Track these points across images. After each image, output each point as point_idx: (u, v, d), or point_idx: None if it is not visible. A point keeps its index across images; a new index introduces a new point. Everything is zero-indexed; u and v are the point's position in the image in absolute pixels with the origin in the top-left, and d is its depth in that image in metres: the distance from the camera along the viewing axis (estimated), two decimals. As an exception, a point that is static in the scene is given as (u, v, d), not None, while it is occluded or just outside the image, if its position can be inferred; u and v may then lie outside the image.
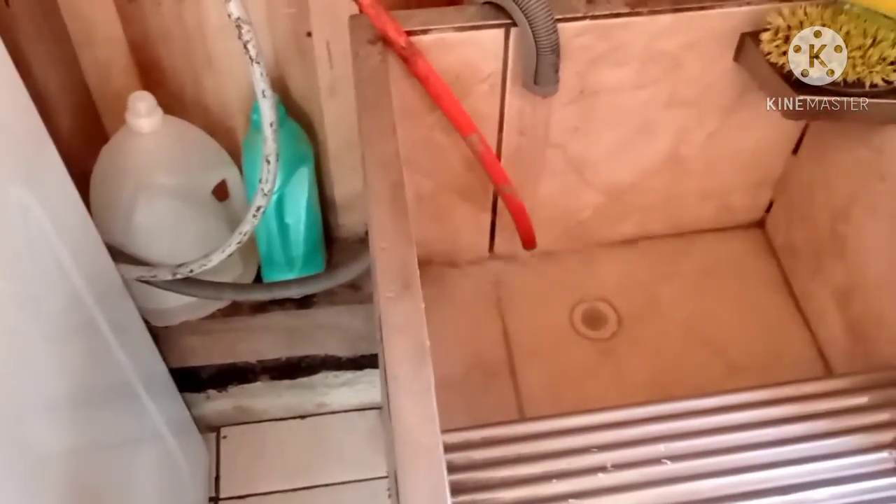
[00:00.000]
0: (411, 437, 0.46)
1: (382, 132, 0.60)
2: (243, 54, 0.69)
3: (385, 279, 0.52)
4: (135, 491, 0.84)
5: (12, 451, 0.59)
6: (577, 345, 0.83)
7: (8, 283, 0.60)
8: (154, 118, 0.82)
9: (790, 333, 0.83)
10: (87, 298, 0.74)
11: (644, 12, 0.69)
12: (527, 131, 0.76)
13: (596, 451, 0.59)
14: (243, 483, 1.07)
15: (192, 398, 1.06)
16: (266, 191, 0.73)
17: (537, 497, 0.55)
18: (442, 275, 0.88)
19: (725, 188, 0.87)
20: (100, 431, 0.78)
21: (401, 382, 0.47)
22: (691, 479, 0.56)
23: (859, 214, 0.74)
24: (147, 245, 0.87)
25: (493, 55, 0.70)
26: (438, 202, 0.82)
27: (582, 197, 0.84)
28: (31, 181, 0.63)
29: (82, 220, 0.73)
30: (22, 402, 0.61)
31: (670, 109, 0.77)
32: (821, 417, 0.61)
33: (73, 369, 0.71)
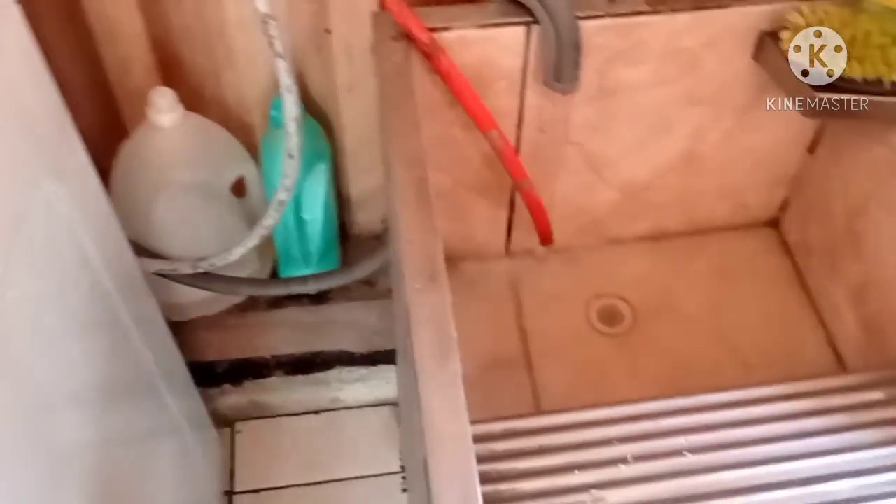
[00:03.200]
0: (440, 427, 0.46)
1: (407, 128, 0.60)
2: (266, 50, 0.70)
3: (412, 272, 0.52)
4: (153, 483, 0.84)
5: (38, 442, 0.60)
6: (593, 341, 0.84)
7: (34, 275, 0.61)
8: (174, 114, 0.83)
9: (805, 331, 0.84)
10: (111, 292, 0.75)
11: (664, 10, 0.70)
12: (546, 128, 0.77)
13: (616, 443, 0.59)
14: (258, 477, 1.07)
15: (208, 393, 1.06)
16: (288, 185, 0.74)
17: (559, 487, 0.56)
18: (459, 271, 0.88)
19: (741, 186, 0.87)
20: (121, 424, 0.78)
21: (428, 374, 0.48)
22: (712, 470, 0.56)
23: (876, 212, 0.75)
24: (165, 240, 0.88)
25: (514, 52, 0.71)
26: (457, 198, 0.83)
27: (599, 194, 0.85)
28: (59, 174, 0.63)
29: (106, 213, 0.74)
30: (47, 394, 0.62)
31: (688, 107, 0.78)
32: (837, 412, 0.61)
33: (97, 362, 0.72)
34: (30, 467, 0.59)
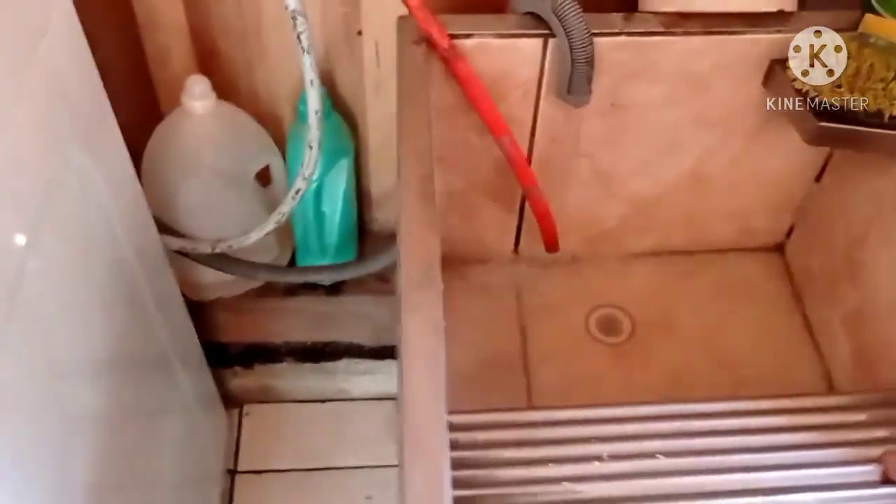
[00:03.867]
0: (419, 409, 0.49)
1: (418, 127, 0.64)
2: (295, 45, 0.74)
3: (408, 262, 0.56)
4: (158, 455, 0.88)
5: (52, 406, 0.63)
6: (590, 348, 0.86)
7: (61, 243, 0.64)
8: (207, 101, 0.87)
9: (799, 355, 0.85)
10: (134, 266, 0.79)
11: (678, 33, 0.72)
12: (558, 139, 0.80)
13: (595, 441, 0.61)
14: (261, 459, 1.11)
15: (220, 373, 1.10)
16: (306, 175, 0.77)
17: (533, 478, 0.58)
18: (466, 272, 0.91)
19: (747, 210, 0.89)
20: (132, 396, 0.82)
21: (413, 359, 0.51)
22: (682, 474, 0.59)
23: (874, 243, 0.77)
24: (189, 221, 0.92)
25: (531, 63, 0.74)
26: (468, 201, 0.86)
27: (607, 207, 0.87)
28: (91, 146, 0.67)
29: (134, 189, 0.78)
30: (65, 360, 0.65)
31: (697, 129, 0.80)
32: (814, 429, 0.63)
33: (115, 333, 0.75)
34: (43, 430, 0.62)
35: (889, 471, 0.59)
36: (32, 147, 0.58)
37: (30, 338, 0.57)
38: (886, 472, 0.59)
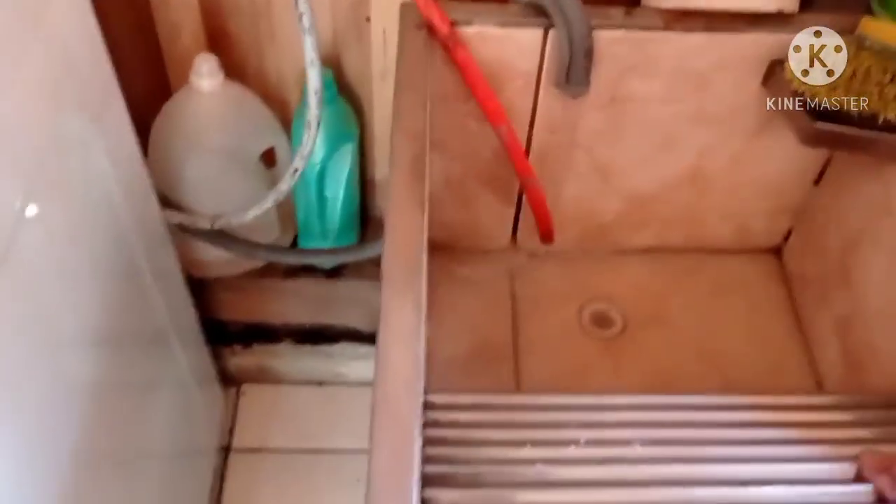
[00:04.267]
0: (392, 382, 0.50)
1: (413, 108, 0.64)
2: (298, 25, 0.75)
3: (393, 238, 0.57)
4: (151, 429, 0.88)
5: (50, 376, 0.64)
6: (581, 341, 0.87)
7: (60, 208, 0.65)
8: (215, 80, 0.88)
9: (790, 357, 0.86)
10: (133, 238, 0.80)
11: (678, 29, 0.73)
12: (557, 130, 0.81)
13: (574, 427, 0.62)
14: (255, 437, 1.12)
15: (219, 350, 1.12)
16: (304, 154, 0.78)
17: (508, 458, 0.59)
18: (462, 260, 0.92)
19: (745, 211, 0.90)
20: (128, 368, 0.83)
21: (391, 332, 0.52)
22: (657, 462, 0.59)
23: (866, 247, 0.77)
24: (193, 197, 0.93)
25: (531, 53, 0.74)
26: (466, 188, 0.86)
27: (604, 201, 0.88)
28: (94, 115, 0.68)
29: (136, 161, 0.80)
30: (62, 332, 0.66)
31: (696, 126, 0.80)
32: (792, 426, 0.63)
33: (111, 304, 0.76)
34: (40, 397, 0.64)
35: (863, 469, 0.59)
36: (34, 111, 0.59)
37: (22, 298, 0.59)
38: (861, 471, 0.59)
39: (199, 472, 1.06)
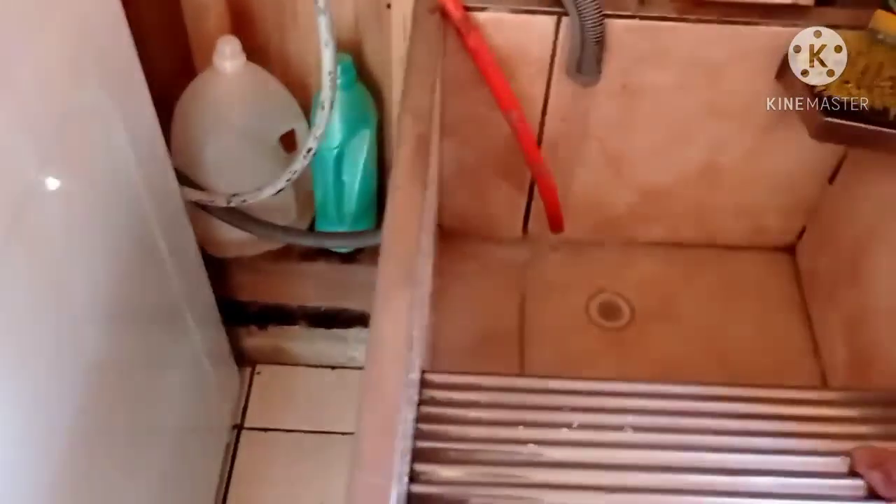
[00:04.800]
0: (382, 354, 0.51)
1: (421, 88, 0.65)
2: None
3: (392, 214, 0.57)
4: (163, 404, 0.90)
5: (62, 346, 0.66)
6: (587, 331, 0.87)
7: (75, 177, 0.67)
8: (237, 62, 0.90)
9: (797, 355, 0.85)
10: (150, 213, 0.82)
11: (691, 19, 0.73)
12: (569, 119, 0.81)
13: (568, 410, 0.63)
14: (267, 417, 1.14)
15: (235, 330, 1.14)
16: (317, 135, 0.80)
17: (500, 437, 0.60)
18: (474, 248, 0.93)
19: (759, 208, 0.89)
20: (141, 343, 0.84)
21: (384, 306, 0.53)
22: (647, 448, 0.59)
23: (876, 246, 0.76)
24: (212, 177, 0.95)
25: (544, 41, 0.75)
26: (479, 176, 0.87)
27: (616, 192, 0.88)
28: (113, 89, 0.70)
29: (155, 137, 0.81)
30: (76, 301, 0.67)
31: (709, 119, 0.80)
32: (789, 420, 0.63)
33: (127, 280, 0.77)
34: (50, 365, 0.65)
35: (856, 464, 0.59)
36: (53, 82, 0.61)
37: (36, 264, 0.61)
38: (853, 466, 0.59)
39: (212, 448, 1.08)
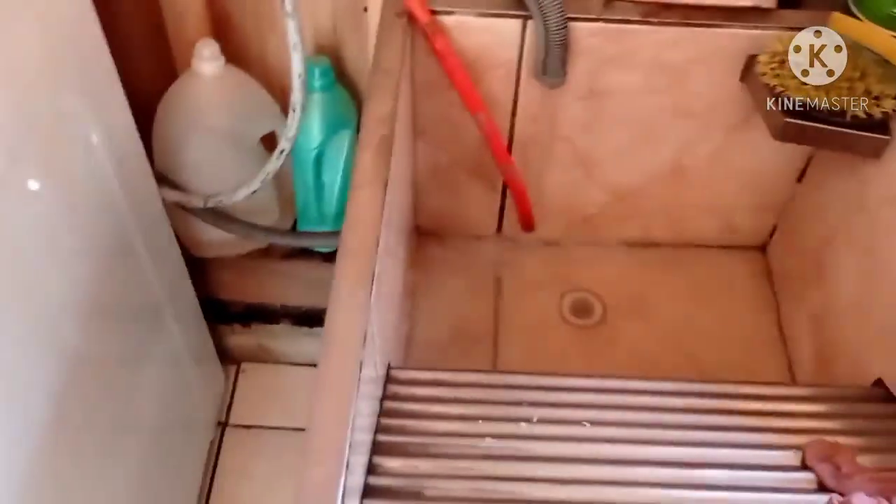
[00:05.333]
0: (340, 347, 0.52)
1: (385, 91, 0.67)
2: (307, 18, 0.77)
3: (352, 213, 0.59)
4: (142, 401, 0.91)
5: (49, 349, 0.68)
6: (559, 329, 0.88)
7: (53, 184, 0.68)
8: (215, 64, 0.91)
9: (767, 353, 0.86)
10: (127, 214, 0.83)
11: (654, 22, 0.74)
12: (538, 120, 0.82)
13: (528, 405, 0.64)
14: (251, 415, 1.16)
15: (220, 329, 1.15)
16: (289, 136, 0.81)
17: (459, 432, 0.61)
18: (449, 246, 0.94)
19: (729, 207, 0.90)
20: (119, 343, 0.85)
21: (341, 297, 0.54)
22: (601, 441, 0.61)
23: (840, 244, 0.77)
24: (193, 178, 0.96)
25: (510, 44, 0.76)
26: (452, 177, 0.88)
27: (588, 193, 0.89)
28: (87, 92, 0.72)
29: (132, 140, 0.83)
30: (50, 301, 0.69)
31: (676, 120, 0.81)
32: (746, 415, 0.64)
33: (104, 280, 0.78)
34: (46, 370, 0.67)
35: (806, 458, 0.60)
36: (24, 81, 0.62)
37: (8, 261, 0.62)
38: (804, 459, 0.60)
39: (195, 445, 1.09)
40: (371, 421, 0.60)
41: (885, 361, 0.69)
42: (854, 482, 0.57)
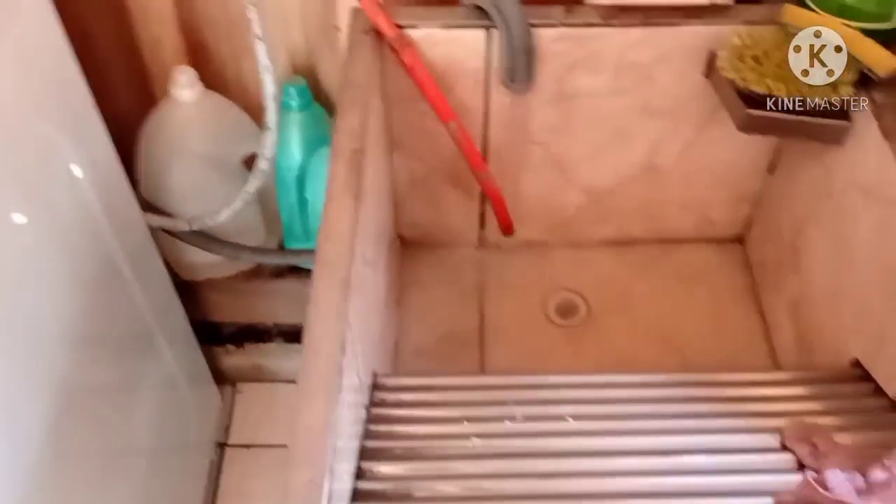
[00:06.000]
0: (319, 356, 0.54)
1: (355, 106, 0.68)
2: (281, 40, 0.78)
3: (326, 225, 0.60)
4: (137, 426, 0.92)
5: (43, 379, 0.70)
6: (545, 330, 0.89)
7: (39, 218, 0.69)
8: (193, 90, 0.93)
9: (750, 341, 0.88)
10: (114, 244, 0.84)
11: (616, 24, 0.76)
12: (510, 126, 0.84)
13: (512, 404, 0.65)
14: (250, 434, 1.17)
15: (214, 351, 1.16)
16: (267, 156, 0.83)
17: (445, 433, 0.62)
18: (433, 255, 0.96)
19: (704, 201, 0.92)
20: (111, 370, 0.86)
21: (318, 308, 0.56)
22: (584, 435, 0.62)
23: (811, 230, 0.79)
24: (178, 203, 0.98)
25: (477, 53, 0.78)
26: (430, 187, 0.90)
27: (565, 195, 0.91)
28: (64, 123, 0.73)
29: (113, 168, 0.84)
30: (40, 333, 0.70)
31: (645, 119, 0.83)
32: (726, 401, 0.66)
33: (93, 309, 0.79)
34: (41, 399, 0.68)
35: (785, 439, 0.61)
36: (1, 119, 0.64)
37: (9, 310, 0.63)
38: (783, 441, 0.61)
39: (195, 466, 1.10)
40: (358, 428, 0.61)
41: (860, 342, 0.70)
42: (831, 460, 0.58)
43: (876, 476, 0.56)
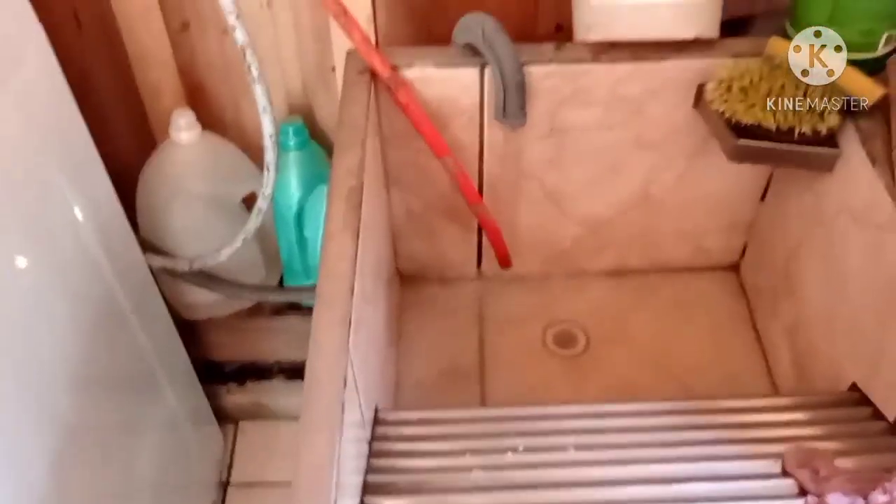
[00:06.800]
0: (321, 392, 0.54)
1: (352, 145, 0.70)
2: (278, 82, 0.80)
3: (326, 262, 0.61)
4: (141, 467, 0.91)
5: (45, 421, 0.70)
6: (545, 360, 0.90)
7: (41, 262, 0.70)
8: (192, 132, 0.94)
9: (747, 366, 0.88)
10: (116, 286, 0.84)
11: (605, 60, 0.77)
12: (505, 161, 0.85)
13: (514, 435, 0.66)
14: (252, 472, 1.16)
15: (215, 390, 1.17)
16: (266, 194, 0.84)
17: (447, 466, 0.63)
18: (432, 289, 0.97)
19: (699, 230, 0.93)
20: (115, 411, 0.86)
21: (320, 344, 0.57)
22: (586, 464, 0.62)
23: (804, 256, 0.80)
24: (178, 243, 0.99)
25: (471, 90, 0.79)
26: (427, 221, 0.91)
27: (561, 227, 0.92)
28: (66, 168, 0.74)
29: (116, 213, 0.85)
30: (44, 376, 0.71)
31: (638, 151, 0.84)
32: (727, 428, 0.66)
33: (97, 351, 0.80)
34: (43, 441, 0.69)
35: (786, 464, 0.62)
36: (3, 164, 0.65)
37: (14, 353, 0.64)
38: (784, 466, 0.62)
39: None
40: (360, 463, 0.62)
41: (857, 366, 0.71)
42: (832, 484, 0.59)
43: (877, 500, 0.56)
